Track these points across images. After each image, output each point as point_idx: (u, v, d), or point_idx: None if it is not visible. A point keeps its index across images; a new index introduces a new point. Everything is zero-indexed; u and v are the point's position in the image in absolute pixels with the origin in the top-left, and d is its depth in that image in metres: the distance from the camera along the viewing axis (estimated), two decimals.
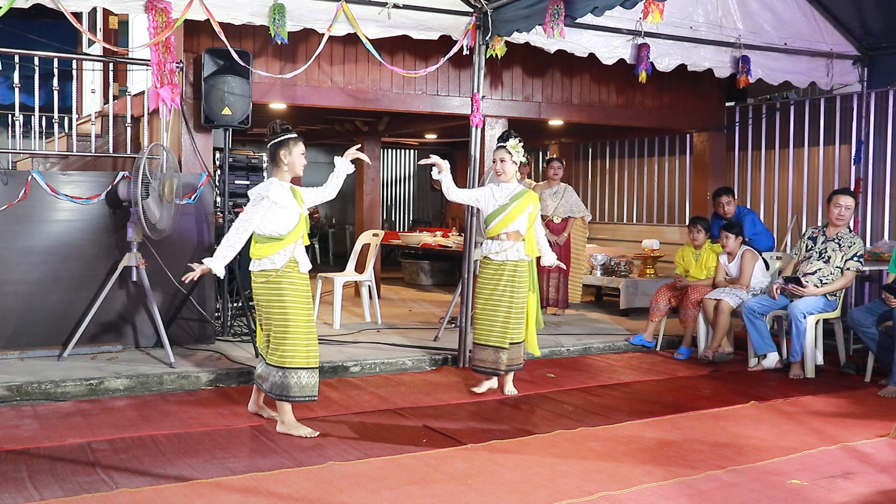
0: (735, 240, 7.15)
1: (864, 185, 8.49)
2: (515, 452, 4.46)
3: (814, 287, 6.50)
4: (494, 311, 5.59)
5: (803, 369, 6.46)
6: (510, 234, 5.57)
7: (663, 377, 6.51)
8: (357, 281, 8.44)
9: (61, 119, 8.64)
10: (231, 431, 4.80)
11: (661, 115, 9.01)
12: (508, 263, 5.57)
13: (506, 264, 5.57)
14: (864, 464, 4.35)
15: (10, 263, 6.26)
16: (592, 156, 12.09)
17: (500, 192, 5.66)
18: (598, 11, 5.93)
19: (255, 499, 3.73)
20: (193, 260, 6.74)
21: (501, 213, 5.58)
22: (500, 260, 5.58)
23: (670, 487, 3.95)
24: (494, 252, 5.59)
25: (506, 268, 5.57)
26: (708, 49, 7.64)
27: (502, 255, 5.57)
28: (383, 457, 4.34)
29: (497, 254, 5.59)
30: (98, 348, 6.44)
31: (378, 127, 10.15)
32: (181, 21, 5.98)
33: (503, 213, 5.57)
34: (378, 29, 6.63)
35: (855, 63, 8.36)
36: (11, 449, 4.39)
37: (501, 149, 5.63)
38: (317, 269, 12.06)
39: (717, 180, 9.20)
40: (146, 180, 5.99)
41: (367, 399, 5.61)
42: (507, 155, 5.60)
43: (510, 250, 5.56)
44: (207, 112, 6.61)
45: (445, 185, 5.74)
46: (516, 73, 8.13)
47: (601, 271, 9.50)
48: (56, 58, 7.12)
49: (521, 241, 5.58)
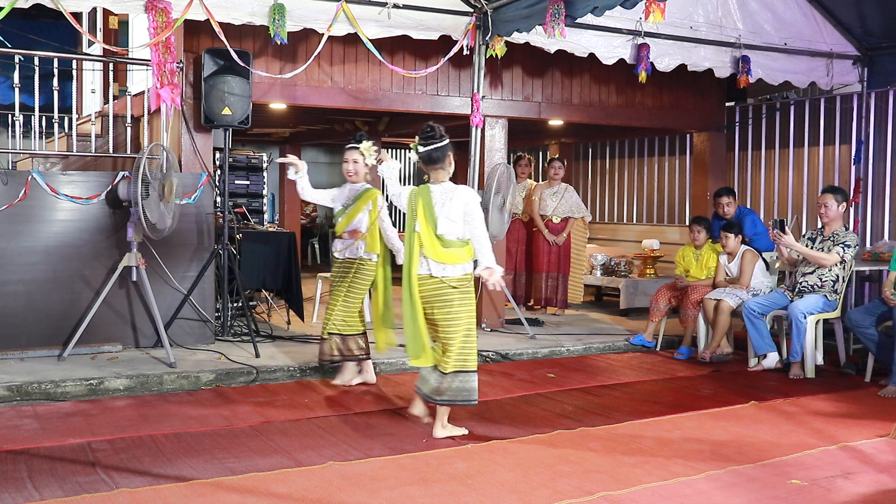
0: (735, 239, 7.15)
1: (864, 185, 8.49)
2: (515, 452, 4.46)
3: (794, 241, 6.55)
4: (333, 304, 5.75)
5: (803, 369, 6.46)
6: (351, 233, 5.66)
7: (663, 377, 6.51)
8: None
9: (61, 119, 8.63)
10: (231, 431, 4.79)
11: (661, 115, 9.01)
12: (349, 261, 5.69)
13: (348, 262, 5.70)
14: (864, 464, 4.35)
15: (10, 263, 6.26)
16: (592, 156, 12.09)
17: (347, 192, 5.76)
18: (598, 11, 5.94)
19: (255, 499, 3.73)
20: (193, 260, 6.79)
21: (344, 213, 5.71)
22: (342, 258, 5.72)
23: (670, 487, 3.94)
24: (339, 250, 5.74)
25: (345, 264, 5.71)
26: (708, 49, 7.65)
27: (345, 252, 5.70)
28: (383, 457, 4.34)
29: (341, 252, 5.73)
30: (98, 348, 6.44)
31: (378, 127, 10.15)
32: (181, 21, 5.99)
33: (345, 212, 5.70)
34: (378, 29, 6.63)
35: (855, 63, 8.36)
36: (11, 449, 4.39)
37: (354, 150, 5.62)
38: (317, 269, 12.08)
39: (717, 180, 9.20)
40: (146, 180, 5.99)
41: (367, 399, 5.61)
42: (359, 156, 5.60)
43: (350, 248, 5.66)
44: (207, 112, 6.61)
45: (300, 186, 5.75)
46: (516, 73, 8.13)
47: (601, 271, 9.51)
48: (56, 58, 7.12)
49: (361, 240, 5.64)
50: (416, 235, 4.70)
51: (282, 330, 7.50)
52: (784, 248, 6.72)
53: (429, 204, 4.71)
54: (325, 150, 16.17)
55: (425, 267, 4.71)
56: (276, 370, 6.12)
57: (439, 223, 4.67)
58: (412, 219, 4.76)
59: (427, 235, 4.68)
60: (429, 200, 4.71)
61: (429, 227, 4.68)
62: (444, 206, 4.69)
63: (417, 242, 4.69)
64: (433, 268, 4.68)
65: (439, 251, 4.66)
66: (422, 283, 4.71)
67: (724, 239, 7.19)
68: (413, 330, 4.73)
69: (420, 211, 4.72)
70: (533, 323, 8.05)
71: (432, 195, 4.73)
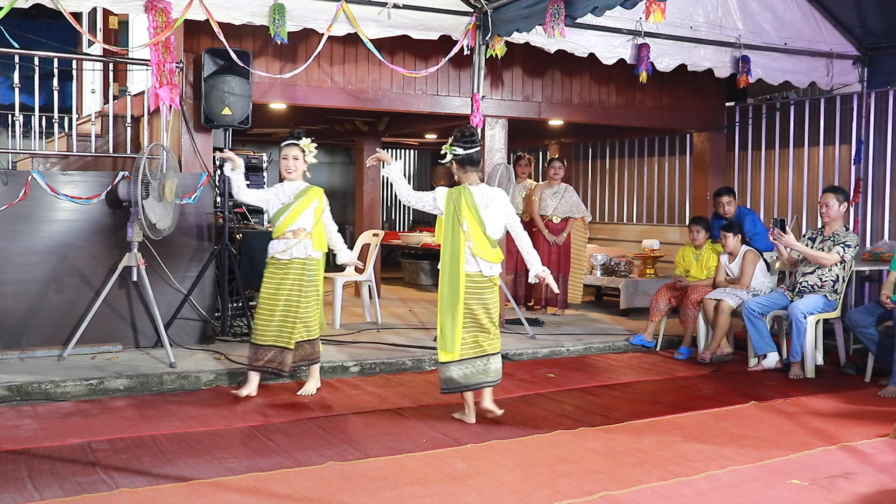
0: (734, 239, 7.14)
1: (864, 185, 8.49)
2: (515, 452, 4.46)
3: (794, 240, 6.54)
4: (272, 310, 5.44)
5: (803, 369, 6.46)
6: (296, 232, 5.44)
7: (663, 377, 6.51)
8: (357, 281, 8.45)
9: (61, 119, 8.63)
10: (231, 431, 4.80)
11: (661, 115, 9.01)
12: (295, 261, 5.44)
13: (293, 262, 5.44)
14: (864, 464, 4.35)
15: (10, 263, 6.26)
16: (592, 156, 12.08)
17: (285, 190, 5.53)
18: (598, 11, 5.94)
19: (255, 499, 3.73)
20: (193, 260, 6.79)
21: (286, 212, 5.45)
22: (287, 258, 5.44)
23: (670, 487, 3.95)
24: (280, 251, 5.45)
25: (293, 266, 5.45)
26: (708, 49, 7.64)
27: (288, 253, 5.43)
28: (383, 457, 4.34)
29: (283, 252, 5.44)
30: (98, 348, 6.43)
31: (378, 127, 10.15)
32: (181, 21, 5.99)
33: (287, 210, 5.45)
34: (378, 29, 6.64)
35: (855, 63, 8.36)
36: (11, 449, 4.39)
37: (294, 146, 5.50)
38: None
39: (717, 180, 9.20)
40: (146, 180, 5.99)
41: (367, 399, 5.61)
42: (299, 153, 5.50)
43: (296, 248, 5.43)
44: (207, 112, 6.61)
45: (236, 185, 5.52)
46: (516, 73, 8.13)
47: (601, 271, 9.50)
48: (56, 58, 7.12)
49: (308, 239, 5.46)
50: (463, 234, 4.90)
51: None
52: (784, 248, 6.72)
53: (473, 205, 4.92)
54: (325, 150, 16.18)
55: (475, 265, 4.93)
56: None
57: (487, 224, 4.94)
58: (455, 219, 4.92)
59: (477, 235, 4.91)
60: (472, 202, 4.93)
61: (478, 228, 4.92)
62: (488, 208, 4.96)
63: (464, 241, 4.89)
64: (483, 266, 4.94)
65: (489, 250, 4.95)
66: (470, 280, 4.93)
67: (723, 239, 7.19)
68: (452, 327, 4.91)
69: (466, 211, 4.91)
70: (533, 323, 8.05)
71: (474, 196, 4.94)
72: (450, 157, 5.04)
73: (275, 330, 5.47)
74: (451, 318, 4.91)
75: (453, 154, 5.00)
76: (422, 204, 5.13)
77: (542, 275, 5.04)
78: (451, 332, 4.92)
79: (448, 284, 4.94)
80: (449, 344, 4.93)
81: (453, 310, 4.90)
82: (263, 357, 5.49)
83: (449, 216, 4.97)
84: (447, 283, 4.94)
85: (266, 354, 5.48)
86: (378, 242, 8.56)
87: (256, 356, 5.51)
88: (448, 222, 4.97)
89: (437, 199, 5.02)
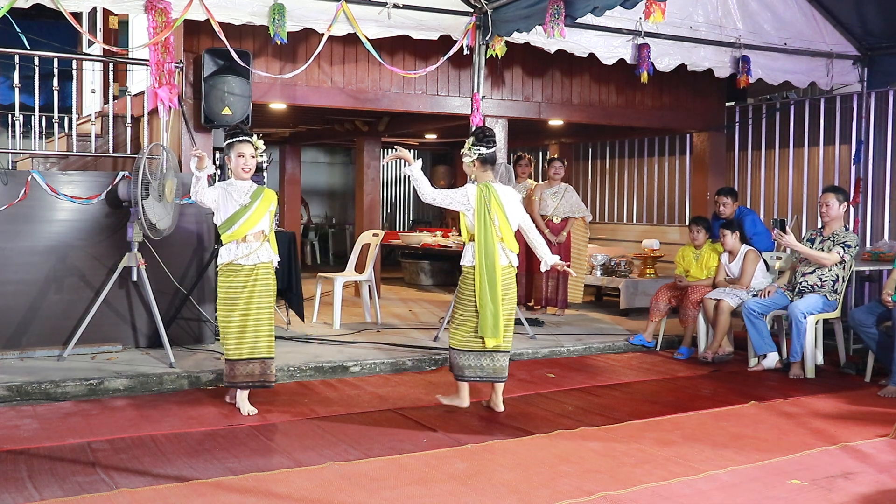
0: (733, 236, 7.14)
1: (864, 185, 8.49)
2: (515, 452, 4.46)
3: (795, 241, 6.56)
4: (244, 319, 5.09)
5: (803, 369, 6.46)
6: (257, 235, 5.11)
7: (663, 377, 6.51)
8: (357, 281, 8.44)
9: (61, 119, 8.64)
10: (231, 431, 4.80)
11: (661, 115, 9.01)
12: (261, 266, 5.12)
13: (258, 267, 5.11)
14: (864, 464, 4.35)
15: (10, 263, 6.26)
16: (592, 156, 12.09)
17: (237, 190, 5.12)
18: (598, 11, 5.94)
19: (255, 499, 3.73)
20: (193, 260, 6.79)
21: (246, 213, 5.07)
22: (252, 263, 5.08)
23: (670, 487, 3.95)
24: (244, 255, 5.08)
25: (259, 270, 5.11)
26: (708, 49, 7.64)
27: (253, 257, 5.09)
28: (383, 457, 4.34)
29: (247, 257, 5.08)
30: (98, 348, 6.44)
31: (378, 127, 10.15)
32: (181, 21, 5.99)
33: (248, 212, 5.08)
34: (378, 29, 6.63)
35: (855, 63, 8.36)
36: (11, 449, 4.39)
37: (246, 143, 5.10)
38: (317, 269, 12.09)
39: (717, 180, 9.20)
40: (146, 180, 5.99)
41: (367, 399, 5.61)
42: (253, 150, 5.13)
43: (261, 251, 5.11)
44: (207, 112, 6.61)
45: (201, 184, 5.10)
46: (516, 73, 8.13)
47: (601, 271, 9.50)
48: (56, 58, 7.12)
49: (266, 242, 5.16)
50: (494, 229, 5.15)
51: (281, 330, 7.49)
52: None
53: (500, 201, 5.21)
54: (325, 150, 16.18)
55: (506, 258, 5.24)
56: (276, 370, 6.11)
57: (511, 218, 5.26)
58: (487, 214, 5.15)
59: (507, 230, 5.23)
60: (499, 198, 5.21)
61: (508, 222, 5.24)
62: (509, 204, 5.26)
63: (496, 235, 5.15)
64: (511, 258, 5.27)
65: (514, 243, 5.27)
66: (504, 272, 5.23)
67: (722, 237, 7.19)
68: (495, 315, 5.16)
69: (496, 207, 5.19)
70: (533, 323, 8.05)
71: (499, 193, 5.23)
72: (474, 156, 5.24)
73: (250, 340, 5.11)
74: (496, 309, 5.14)
75: (478, 153, 5.23)
76: (449, 201, 5.26)
77: (558, 264, 5.41)
78: (494, 321, 5.14)
79: (487, 278, 5.16)
80: (492, 331, 5.15)
81: (496, 301, 5.14)
82: (243, 371, 5.12)
83: (481, 212, 5.16)
84: (486, 277, 5.15)
85: (245, 368, 5.13)
86: (378, 242, 8.55)
87: (234, 373, 5.13)
88: (480, 218, 5.16)
89: (469, 196, 5.20)
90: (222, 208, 5.12)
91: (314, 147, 15.27)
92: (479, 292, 5.15)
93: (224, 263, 5.12)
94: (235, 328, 5.11)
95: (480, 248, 5.15)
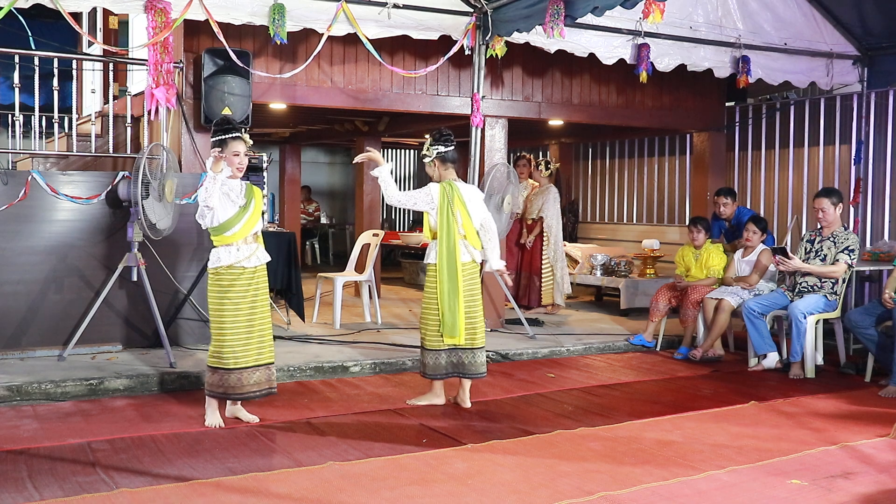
0: (760, 236, 7.11)
1: (864, 185, 8.48)
2: (515, 452, 4.46)
3: (801, 262, 6.55)
4: (250, 325, 4.89)
5: (803, 369, 6.46)
6: (257, 236, 4.97)
7: (663, 377, 6.51)
8: (357, 281, 8.45)
9: (61, 119, 8.64)
10: (231, 431, 4.80)
11: (661, 115, 9.01)
12: (260, 268, 4.95)
13: (259, 269, 4.94)
14: (864, 464, 4.35)
15: (10, 263, 6.26)
16: (592, 156, 12.08)
17: (233, 190, 4.87)
18: (598, 11, 5.94)
19: (255, 499, 3.73)
20: (193, 260, 6.79)
21: (246, 214, 4.87)
22: (254, 265, 4.90)
23: (670, 487, 3.95)
24: (246, 257, 4.86)
25: (259, 272, 4.94)
26: (708, 49, 7.64)
27: (254, 258, 4.90)
28: (383, 457, 4.34)
29: (249, 259, 4.87)
30: (98, 348, 6.44)
31: (378, 127, 10.15)
32: (180, 21, 5.98)
33: (247, 212, 4.88)
34: (378, 29, 6.63)
35: (855, 63, 8.36)
36: (11, 449, 4.39)
37: (239, 140, 4.81)
38: (317, 269, 12.09)
39: (717, 180, 9.20)
40: (146, 180, 5.99)
41: (367, 399, 5.61)
42: (245, 147, 4.87)
43: (259, 252, 4.96)
44: (207, 112, 6.61)
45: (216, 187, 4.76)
46: (516, 73, 8.12)
47: (601, 271, 9.50)
48: (56, 58, 7.12)
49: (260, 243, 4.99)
50: (456, 226, 5.25)
51: (281, 330, 7.49)
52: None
53: (462, 199, 5.28)
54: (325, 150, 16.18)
55: (468, 255, 5.32)
56: (276, 370, 6.10)
57: (473, 216, 5.33)
58: (450, 212, 5.24)
59: (470, 226, 5.31)
60: (461, 195, 5.29)
61: (470, 219, 5.31)
62: (472, 201, 5.35)
63: (458, 233, 5.25)
64: (474, 254, 5.35)
65: (476, 240, 5.35)
66: (465, 268, 5.30)
67: (748, 232, 7.12)
68: (455, 312, 5.23)
69: (459, 204, 5.26)
70: (533, 323, 8.05)
71: (462, 191, 5.31)
72: (433, 155, 5.36)
73: (256, 345, 4.91)
74: (453, 306, 5.21)
75: (437, 153, 5.35)
76: (413, 202, 5.36)
77: (501, 271, 5.63)
78: (451, 319, 5.22)
79: (448, 274, 5.24)
80: (449, 329, 5.24)
81: (454, 298, 5.21)
82: (250, 380, 4.89)
83: (444, 209, 5.25)
84: (446, 274, 5.24)
85: (252, 376, 4.90)
86: (378, 242, 8.56)
87: (240, 383, 4.87)
88: (443, 216, 5.25)
89: (433, 195, 5.28)
90: (220, 209, 4.82)
91: (314, 147, 15.26)
92: (440, 289, 5.25)
93: (224, 266, 4.83)
94: (241, 334, 4.85)
95: (442, 245, 5.25)
